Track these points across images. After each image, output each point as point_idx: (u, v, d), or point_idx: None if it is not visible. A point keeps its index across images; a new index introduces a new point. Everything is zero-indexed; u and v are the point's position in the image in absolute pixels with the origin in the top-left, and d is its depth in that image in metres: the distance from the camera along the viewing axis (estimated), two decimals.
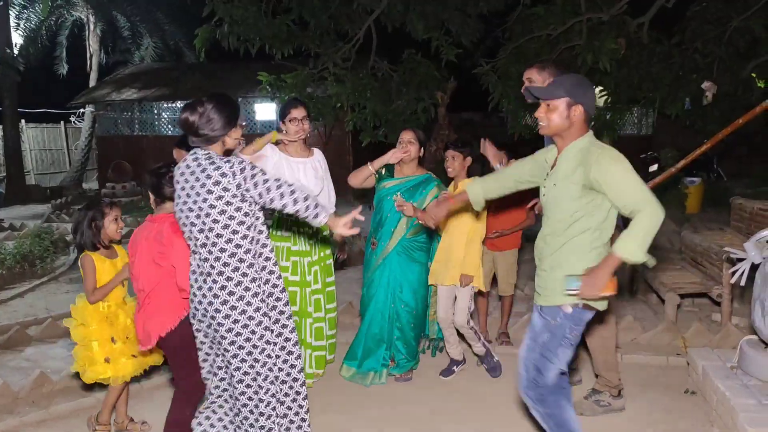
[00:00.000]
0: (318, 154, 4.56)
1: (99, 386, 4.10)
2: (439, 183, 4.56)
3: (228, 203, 2.86)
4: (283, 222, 4.45)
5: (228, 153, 3.08)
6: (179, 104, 17.74)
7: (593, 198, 2.81)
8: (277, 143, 4.42)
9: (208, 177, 2.86)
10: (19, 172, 16.95)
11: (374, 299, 4.54)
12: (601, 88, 8.68)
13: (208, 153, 2.96)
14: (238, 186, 2.86)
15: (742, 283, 4.03)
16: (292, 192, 2.92)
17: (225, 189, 2.85)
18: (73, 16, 20.75)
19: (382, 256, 4.50)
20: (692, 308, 6.00)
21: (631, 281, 6.53)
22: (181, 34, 21.67)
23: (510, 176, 3.28)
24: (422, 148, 4.56)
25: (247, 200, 2.90)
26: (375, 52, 9.67)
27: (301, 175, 4.35)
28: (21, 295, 7.08)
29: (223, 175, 2.85)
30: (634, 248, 2.67)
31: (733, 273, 4.09)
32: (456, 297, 4.47)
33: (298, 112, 4.30)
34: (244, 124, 3.11)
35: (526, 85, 3.84)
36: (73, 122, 21.87)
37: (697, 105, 9.12)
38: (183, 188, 2.94)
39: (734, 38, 8.81)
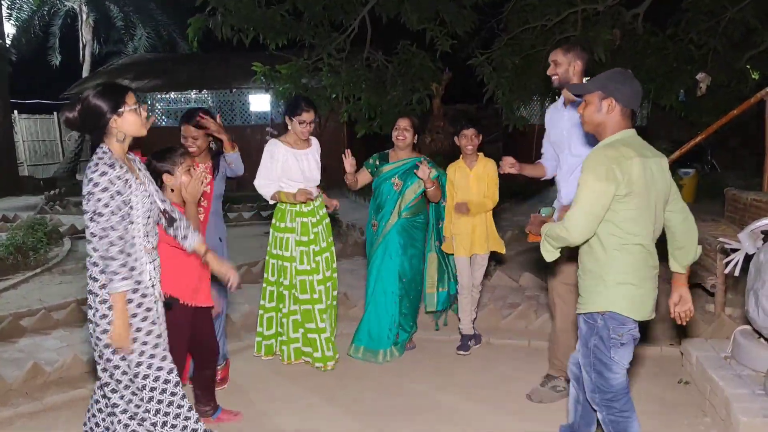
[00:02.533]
0: (315, 143, 4.74)
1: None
2: (432, 164, 4.74)
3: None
4: (286, 213, 4.55)
5: (133, 143, 2.93)
6: (173, 95, 17.66)
7: None
8: (272, 136, 4.61)
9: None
10: (12, 164, 16.87)
11: (379, 278, 4.77)
12: None
13: (101, 148, 2.80)
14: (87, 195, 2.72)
15: (736, 273, 4.04)
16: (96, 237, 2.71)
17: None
18: (65, 6, 20.64)
19: (383, 235, 4.77)
20: None
21: None
22: (175, 25, 21.61)
23: None
24: (416, 135, 4.84)
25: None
26: (370, 43, 9.64)
27: (305, 165, 4.56)
28: (14, 287, 7.04)
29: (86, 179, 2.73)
30: (545, 234, 2.86)
31: (727, 264, 4.09)
32: (475, 263, 4.81)
33: (308, 116, 4.48)
34: (136, 110, 2.84)
35: (551, 70, 3.85)
36: None
37: (692, 96, 9.13)
38: None
39: (729, 29, 8.81)
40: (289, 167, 4.50)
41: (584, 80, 3.84)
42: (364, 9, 9.14)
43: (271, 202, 4.60)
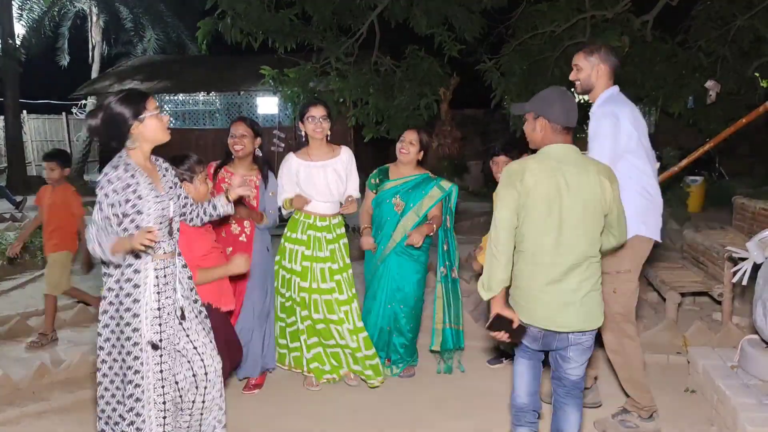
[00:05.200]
0: (345, 153, 4.41)
1: None
2: (438, 182, 4.47)
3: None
4: (298, 224, 4.35)
5: (155, 147, 2.97)
6: (181, 97, 17.72)
7: None
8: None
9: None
10: (20, 163, 16.94)
11: (374, 301, 4.50)
12: None
13: (120, 155, 2.89)
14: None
15: (744, 282, 4.02)
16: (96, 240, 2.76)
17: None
18: (75, 8, 20.70)
19: (381, 258, 4.47)
20: (693, 307, 5.99)
21: None
22: (184, 27, 21.65)
23: None
24: (423, 151, 4.47)
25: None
26: (378, 48, 9.65)
27: (320, 179, 4.27)
28: (22, 286, 7.08)
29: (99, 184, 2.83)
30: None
31: (735, 272, 4.08)
32: None
33: (316, 111, 4.24)
34: (162, 115, 2.95)
35: (573, 75, 3.72)
36: (75, 114, 21.84)
37: (700, 104, 9.10)
38: None
39: (738, 37, 8.78)
40: (300, 180, 4.28)
41: (611, 84, 3.71)
42: (373, 13, 9.15)
43: (284, 213, 4.38)
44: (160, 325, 2.91)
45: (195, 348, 3.07)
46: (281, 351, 4.51)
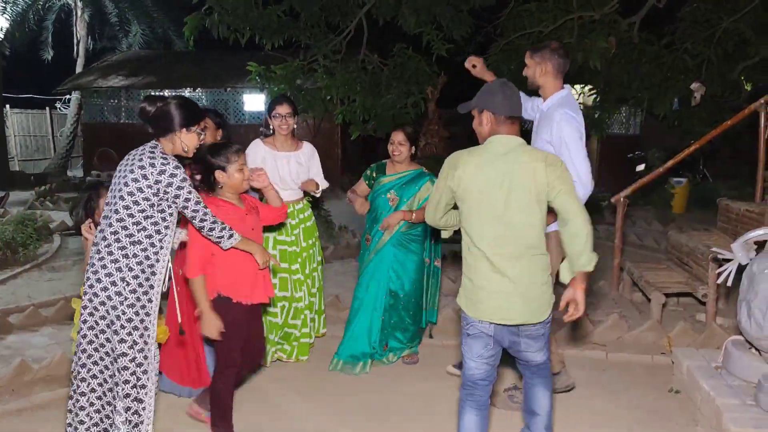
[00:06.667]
0: (306, 147, 4.72)
1: None
2: (431, 177, 4.60)
3: (138, 196, 3.00)
4: None
5: (180, 159, 3.15)
6: (167, 92, 17.56)
7: None
8: (266, 136, 4.64)
9: (140, 166, 2.99)
10: (3, 158, 16.76)
11: (366, 291, 4.64)
12: (590, 86, 8.70)
13: (155, 144, 3.10)
14: (153, 185, 2.98)
15: (729, 283, 4.05)
16: (205, 217, 3.13)
17: (140, 187, 2.99)
18: (60, 1, 20.55)
19: (375, 250, 4.64)
20: (677, 307, 6.03)
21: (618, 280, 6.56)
22: (170, 22, 21.50)
23: None
24: (414, 146, 4.64)
25: (158, 202, 3.02)
26: (366, 46, 9.62)
27: (284, 168, 4.54)
28: (3, 282, 6.98)
29: (144, 172, 2.98)
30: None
31: (720, 273, 4.10)
32: None
33: (282, 109, 4.49)
34: (202, 136, 3.22)
35: (524, 71, 3.94)
36: (59, 108, 21.65)
37: (686, 105, 9.17)
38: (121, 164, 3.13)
39: (723, 40, 8.86)
40: (264, 167, 4.30)
41: (560, 84, 3.84)
42: (361, 11, 9.12)
43: None
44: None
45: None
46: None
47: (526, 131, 3.65)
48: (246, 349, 3.51)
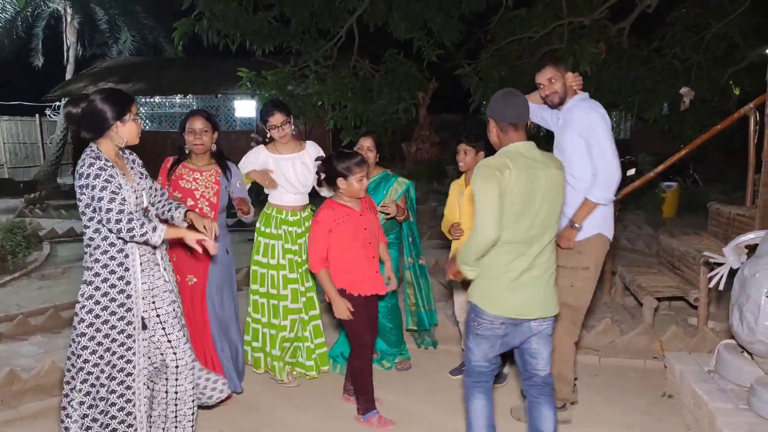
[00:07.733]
0: (310, 146, 4.53)
1: None
2: (397, 178, 4.59)
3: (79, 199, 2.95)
4: (271, 219, 4.40)
5: (129, 148, 3.12)
6: (157, 99, 17.56)
7: None
8: (258, 143, 4.53)
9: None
10: None
11: None
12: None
13: (91, 147, 2.98)
14: (79, 188, 2.91)
15: (721, 287, 4.05)
16: (120, 217, 2.87)
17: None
18: (50, 8, 20.41)
19: None
20: (669, 311, 6.04)
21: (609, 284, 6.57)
22: (160, 28, 21.44)
23: None
24: (378, 154, 4.56)
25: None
26: (357, 51, 9.64)
27: (290, 171, 4.37)
28: None
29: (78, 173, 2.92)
30: (459, 261, 2.99)
31: (711, 277, 4.11)
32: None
33: (275, 119, 4.31)
34: (136, 119, 3.04)
35: (548, 89, 3.78)
36: (49, 115, 21.53)
37: (675, 110, 9.22)
38: None
39: (712, 44, 8.93)
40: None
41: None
42: (352, 17, 9.14)
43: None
44: (153, 302, 3.11)
45: (169, 341, 3.16)
46: (256, 355, 4.48)
47: (540, 137, 3.64)
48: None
